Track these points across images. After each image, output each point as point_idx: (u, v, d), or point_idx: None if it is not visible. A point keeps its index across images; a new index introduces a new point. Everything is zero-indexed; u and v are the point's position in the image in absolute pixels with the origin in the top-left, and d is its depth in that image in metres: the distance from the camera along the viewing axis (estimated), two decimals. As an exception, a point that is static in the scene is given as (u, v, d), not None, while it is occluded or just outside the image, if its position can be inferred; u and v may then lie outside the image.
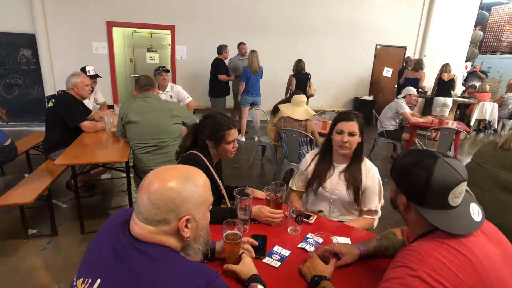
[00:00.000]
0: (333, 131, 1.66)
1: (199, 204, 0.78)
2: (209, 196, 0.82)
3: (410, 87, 4.52)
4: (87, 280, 0.73)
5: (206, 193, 0.80)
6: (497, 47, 10.67)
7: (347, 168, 1.68)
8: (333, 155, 1.72)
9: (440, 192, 0.83)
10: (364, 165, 1.68)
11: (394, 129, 4.55)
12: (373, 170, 1.68)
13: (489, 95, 7.23)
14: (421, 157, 0.88)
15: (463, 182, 0.83)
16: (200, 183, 0.79)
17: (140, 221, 0.74)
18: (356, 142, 1.62)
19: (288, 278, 1.09)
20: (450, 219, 0.83)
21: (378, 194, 1.68)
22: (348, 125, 1.60)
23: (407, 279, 0.76)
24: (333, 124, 1.68)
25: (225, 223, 1.12)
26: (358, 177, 1.64)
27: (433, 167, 0.83)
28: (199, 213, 0.79)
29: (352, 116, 1.63)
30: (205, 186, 0.81)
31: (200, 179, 0.80)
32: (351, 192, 1.64)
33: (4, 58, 5.46)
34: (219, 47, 5.35)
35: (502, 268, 0.79)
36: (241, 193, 1.39)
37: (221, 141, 1.58)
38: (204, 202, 0.80)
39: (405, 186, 0.90)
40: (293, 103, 3.33)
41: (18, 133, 5.17)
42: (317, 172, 1.72)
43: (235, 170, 4.28)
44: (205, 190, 0.80)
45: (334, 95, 7.69)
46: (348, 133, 1.60)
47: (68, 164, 2.37)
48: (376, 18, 7.40)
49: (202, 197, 0.78)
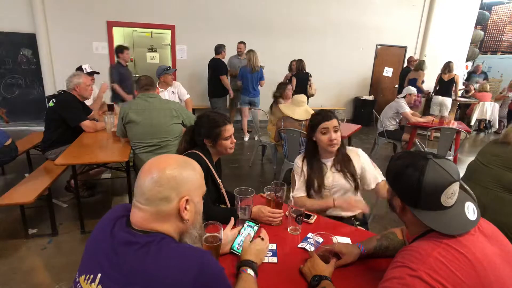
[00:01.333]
0: (317, 132, 1.69)
1: (197, 187, 0.82)
2: (204, 184, 0.87)
3: (410, 87, 4.51)
4: (89, 275, 0.75)
5: (202, 180, 0.85)
6: (497, 47, 10.66)
7: (335, 160, 1.73)
8: (320, 153, 1.76)
9: (432, 194, 0.84)
10: (350, 151, 1.75)
11: (394, 129, 4.55)
12: (358, 151, 1.77)
13: (489, 95, 7.23)
14: (412, 159, 0.89)
15: (454, 183, 0.84)
16: (197, 169, 0.84)
17: (141, 205, 0.76)
18: (340, 136, 1.69)
19: (289, 277, 1.09)
20: (444, 220, 0.84)
21: (373, 167, 1.75)
22: (330, 123, 1.66)
23: (407, 279, 0.76)
24: (313, 127, 1.71)
25: (205, 225, 1.09)
26: (349, 163, 1.71)
27: (424, 169, 0.84)
28: (197, 196, 0.83)
29: (330, 115, 1.70)
30: (201, 174, 0.85)
31: (196, 165, 0.85)
32: (350, 179, 1.69)
33: (4, 58, 5.47)
34: (217, 47, 5.29)
35: (501, 267, 0.79)
36: (241, 193, 1.39)
37: (219, 138, 1.59)
38: (201, 187, 0.84)
39: (399, 188, 0.91)
40: (293, 103, 3.33)
41: (18, 132, 5.17)
42: (313, 174, 1.73)
43: (235, 169, 4.27)
44: (201, 177, 0.85)
45: (334, 95, 7.69)
46: (333, 128, 1.65)
47: (69, 164, 2.38)
48: (376, 18, 7.39)
49: (199, 181, 0.83)
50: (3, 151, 2.71)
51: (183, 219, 0.79)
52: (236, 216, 1.37)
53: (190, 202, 0.80)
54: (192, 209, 0.81)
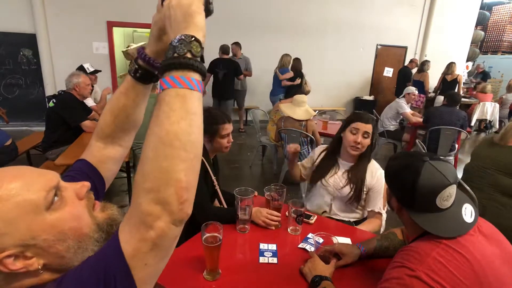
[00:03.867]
0: (346, 129, 1.64)
1: (29, 211, 0.48)
2: (29, 195, 0.48)
3: (410, 87, 4.53)
4: None
5: (31, 194, 0.49)
6: (498, 47, 10.65)
7: (352, 167, 1.68)
8: (341, 153, 1.72)
9: (427, 196, 0.84)
10: (371, 166, 1.68)
11: (395, 129, 4.55)
12: (380, 172, 1.67)
13: (490, 95, 7.21)
14: (408, 160, 0.89)
15: (450, 185, 0.83)
16: (11, 187, 0.47)
17: None
18: (367, 145, 1.62)
19: (289, 278, 1.09)
20: (439, 222, 0.83)
21: (384, 195, 1.66)
22: (363, 126, 1.60)
23: (406, 279, 0.76)
24: (347, 123, 1.66)
25: (204, 225, 1.08)
26: (361, 178, 1.64)
27: (420, 171, 0.84)
28: (32, 230, 0.48)
29: (369, 118, 1.63)
30: (26, 186, 0.49)
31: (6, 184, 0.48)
32: (352, 192, 1.64)
33: (4, 58, 5.47)
34: (226, 47, 5.26)
35: (501, 267, 0.79)
36: (242, 193, 1.39)
37: (216, 135, 1.59)
38: (34, 203, 0.48)
39: (395, 190, 0.92)
40: (294, 103, 3.33)
41: (18, 133, 5.16)
42: (321, 166, 1.74)
43: (235, 170, 4.27)
44: (29, 190, 0.49)
45: (334, 95, 7.69)
46: (363, 133, 1.59)
47: (69, 164, 2.37)
48: (377, 18, 7.39)
49: (26, 202, 0.48)
50: (3, 151, 2.72)
51: (36, 271, 0.49)
52: (235, 217, 1.37)
53: (23, 250, 0.48)
54: (38, 251, 0.49)
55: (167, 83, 0.48)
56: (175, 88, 0.47)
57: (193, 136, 0.47)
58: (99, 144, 0.76)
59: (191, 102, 0.48)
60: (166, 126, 0.46)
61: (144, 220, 0.45)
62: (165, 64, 0.49)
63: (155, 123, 0.48)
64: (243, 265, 1.17)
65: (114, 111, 0.72)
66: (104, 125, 0.74)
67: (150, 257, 0.46)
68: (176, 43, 0.49)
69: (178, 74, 0.48)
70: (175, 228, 0.47)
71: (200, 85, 0.49)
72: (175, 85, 0.47)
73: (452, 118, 3.65)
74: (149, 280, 0.49)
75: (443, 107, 3.84)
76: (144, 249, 0.46)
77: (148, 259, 0.47)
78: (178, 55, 0.48)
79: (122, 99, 0.71)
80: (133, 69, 0.69)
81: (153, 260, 0.47)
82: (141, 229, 0.45)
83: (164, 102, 0.47)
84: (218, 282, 1.06)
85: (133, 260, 0.46)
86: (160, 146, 0.46)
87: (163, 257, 0.49)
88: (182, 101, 0.47)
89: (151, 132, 0.48)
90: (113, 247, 0.46)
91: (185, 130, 0.46)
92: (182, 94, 0.47)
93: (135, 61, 0.69)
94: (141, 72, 0.68)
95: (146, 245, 0.45)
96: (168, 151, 0.45)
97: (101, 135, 0.75)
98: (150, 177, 0.45)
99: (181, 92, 0.47)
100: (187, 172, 0.46)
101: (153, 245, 0.46)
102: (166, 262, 0.51)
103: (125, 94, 0.71)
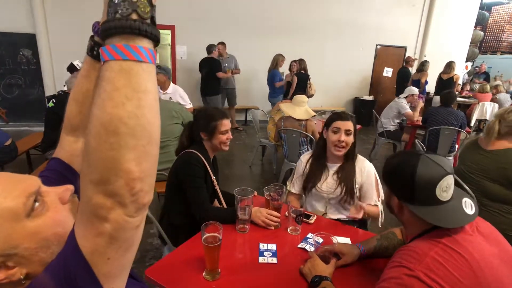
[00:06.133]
0: (328, 130, 1.67)
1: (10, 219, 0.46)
2: (7, 203, 0.46)
3: (412, 87, 4.53)
4: None
5: (9, 201, 0.46)
6: (497, 47, 10.67)
7: (340, 167, 1.70)
8: (327, 156, 1.73)
9: (426, 188, 0.85)
10: (359, 163, 1.71)
11: (394, 129, 4.55)
12: (367, 166, 1.70)
13: (490, 95, 7.22)
14: (405, 157, 0.92)
15: (448, 175, 0.85)
16: None
17: None
18: (351, 142, 1.64)
19: (289, 278, 1.10)
20: (441, 214, 0.85)
21: (376, 187, 1.69)
22: (344, 124, 1.62)
23: (404, 279, 0.76)
24: (327, 124, 1.69)
25: (204, 225, 1.08)
26: (351, 176, 1.66)
27: (417, 164, 0.86)
28: (12, 239, 0.46)
29: (348, 116, 1.67)
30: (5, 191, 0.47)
31: None
32: (345, 191, 1.66)
33: (4, 58, 5.46)
34: (209, 47, 5.48)
35: (499, 267, 0.79)
36: (241, 193, 1.39)
37: (215, 131, 1.60)
38: (5, 221, 0.46)
39: (394, 187, 0.93)
40: (294, 103, 3.34)
41: (18, 133, 5.16)
42: (312, 173, 1.73)
43: (235, 170, 4.27)
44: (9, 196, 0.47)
45: (334, 95, 7.69)
46: (345, 131, 1.61)
47: (69, 164, 2.37)
48: (376, 18, 7.39)
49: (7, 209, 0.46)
50: (3, 151, 2.72)
51: (19, 281, 0.48)
52: (235, 217, 1.38)
53: (8, 259, 0.46)
54: (21, 260, 0.48)
55: (108, 53, 0.37)
56: (119, 61, 0.37)
57: (143, 120, 0.39)
58: (69, 138, 0.70)
59: (139, 78, 0.38)
60: (109, 109, 0.37)
61: (97, 213, 0.40)
62: (104, 28, 0.38)
63: (96, 104, 0.38)
64: (243, 265, 1.17)
65: (78, 98, 0.66)
66: (70, 116, 0.67)
67: (111, 250, 0.42)
68: (118, 0, 0.38)
69: (121, 42, 0.37)
70: (132, 218, 0.42)
71: (150, 54, 0.39)
72: (118, 56, 0.37)
73: (450, 119, 3.66)
74: (118, 273, 0.45)
75: (441, 107, 3.84)
76: (102, 244, 0.41)
77: (110, 253, 0.42)
78: (120, 16, 0.38)
79: (85, 83, 0.65)
80: (89, 47, 0.60)
81: (115, 253, 0.43)
82: (95, 223, 0.41)
83: (106, 78, 0.38)
84: (218, 282, 1.06)
85: (92, 256, 0.42)
86: (103, 133, 0.37)
87: (127, 248, 0.44)
88: (127, 77, 0.37)
89: (92, 115, 0.39)
90: (70, 245, 0.43)
91: (132, 113, 0.38)
92: (127, 68, 0.37)
93: (91, 38, 0.60)
94: (98, 49, 0.58)
95: (103, 239, 0.41)
96: (113, 139, 0.37)
97: (69, 128, 0.69)
98: (97, 168, 0.39)
99: (126, 66, 0.37)
100: (139, 161, 0.39)
101: (110, 238, 0.41)
102: (134, 252, 0.46)
103: (86, 77, 0.65)
